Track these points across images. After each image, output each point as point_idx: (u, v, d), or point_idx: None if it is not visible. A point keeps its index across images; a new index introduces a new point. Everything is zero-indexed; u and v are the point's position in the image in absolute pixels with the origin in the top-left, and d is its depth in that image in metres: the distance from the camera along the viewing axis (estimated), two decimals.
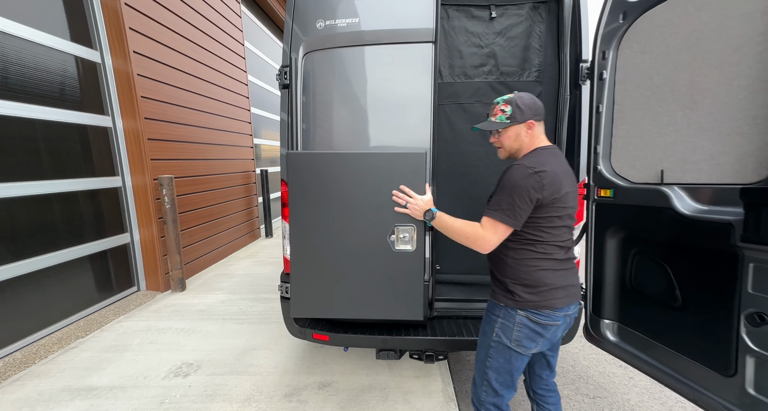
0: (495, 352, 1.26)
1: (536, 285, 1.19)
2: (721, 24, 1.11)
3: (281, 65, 1.79)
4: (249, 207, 5.36)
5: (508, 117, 1.22)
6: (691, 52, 1.21)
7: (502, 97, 1.27)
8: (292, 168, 1.43)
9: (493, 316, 1.27)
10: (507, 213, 1.13)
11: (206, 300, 3.26)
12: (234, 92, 4.92)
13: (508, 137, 1.26)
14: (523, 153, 1.26)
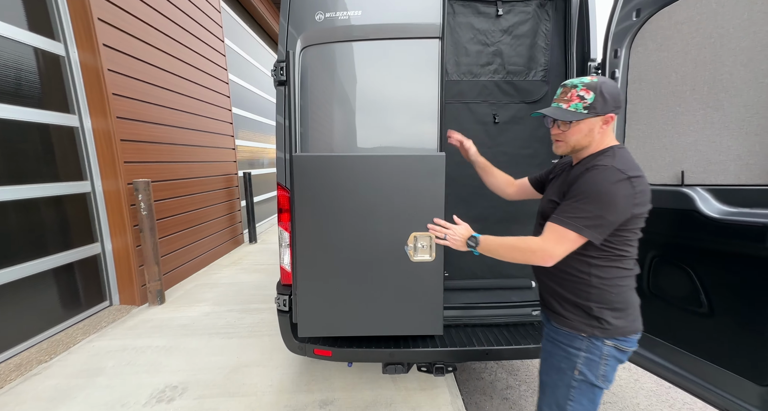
0: (578, 394, 1.05)
1: (626, 307, 1.02)
2: (748, 20, 1.08)
3: (276, 60, 1.65)
4: (231, 211, 5.10)
5: (586, 106, 0.99)
6: (713, 50, 1.18)
7: (581, 79, 1.01)
8: (298, 172, 1.29)
9: (573, 350, 1.04)
10: (586, 223, 0.94)
11: (188, 313, 3.02)
12: (214, 91, 4.67)
13: (579, 131, 1.02)
14: (589, 151, 1.06)
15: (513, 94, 1.82)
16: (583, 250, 1.00)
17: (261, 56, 6.97)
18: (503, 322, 1.90)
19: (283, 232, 1.76)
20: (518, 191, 1.40)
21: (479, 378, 2.14)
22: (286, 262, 1.79)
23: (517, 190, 1.40)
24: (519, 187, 1.39)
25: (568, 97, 1.02)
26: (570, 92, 1.02)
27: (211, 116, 4.56)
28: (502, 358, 1.75)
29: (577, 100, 1.00)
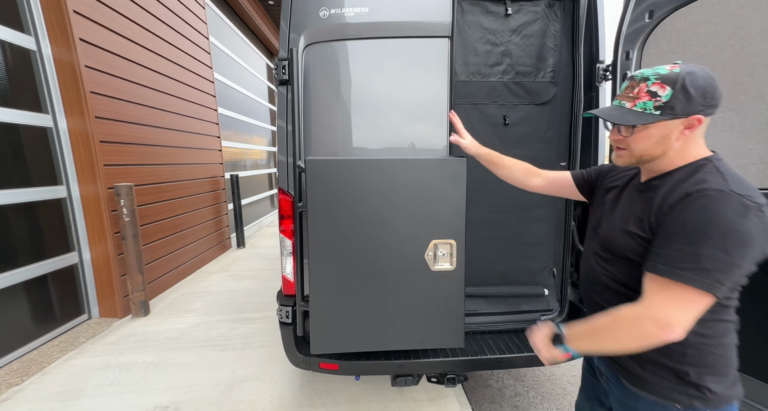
0: None
1: (729, 369, 0.78)
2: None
3: (278, 58, 1.55)
4: (218, 216, 4.90)
5: (659, 106, 0.73)
6: (733, 52, 1.17)
7: (657, 69, 0.75)
8: (312, 177, 1.19)
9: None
10: (711, 275, 0.67)
11: (176, 324, 2.85)
12: (199, 90, 4.47)
13: (647, 137, 0.77)
14: (668, 165, 0.79)
15: (522, 95, 1.79)
16: None
17: (248, 56, 6.77)
18: (512, 328, 1.86)
19: (284, 239, 1.66)
20: (548, 185, 1.15)
21: (487, 385, 2.10)
22: (288, 271, 1.69)
23: (547, 184, 1.15)
24: (551, 181, 1.14)
25: (634, 94, 0.77)
26: (638, 87, 0.77)
27: (196, 116, 4.37)
28: (514, 367, 1.70)
29: (646, 97, 0.75)
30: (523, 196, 1.86)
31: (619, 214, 0.86)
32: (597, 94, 1.70)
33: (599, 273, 0.88)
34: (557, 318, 1.89)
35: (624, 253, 0.81)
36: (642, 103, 0.76)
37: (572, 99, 1.77)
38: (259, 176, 7.20)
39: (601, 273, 0.88)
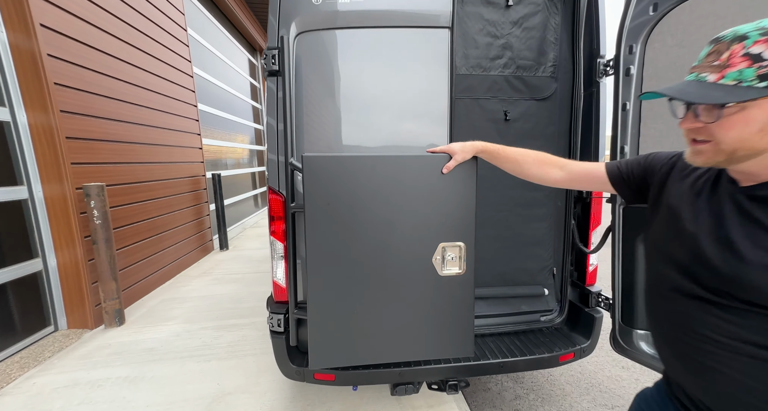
0: None
1: None
2: None
3: (267, 47, 1.43)
4: (199, 217, 4.67)
5: (763, 74, 0.51)
6: None
7: (759, 22, 0.53)
8: (310, 175, 1.09)
9: None
10: None
11: (155, 334, 2.66)
12: (177, 84, 4.24)
13: (745, 122, 0.54)
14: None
15: (523, 90, 1.74)
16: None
17: (229, 50, 6.51)
18: (513, 330, 1.81)
19: (275, 242, 1.55)
20: (572, 179, 0.96)
21: (486, 389, 2.04)
22: (279, 276, 1.57)
23: (571, 178, 0.96)
24: (577, 176, 0.95)
25: (722, 61, 0.55)
26: (729, 50, 0.54)
27: (174, 112, 4.13)
28: (517, 370, 1.65)
29: (743, 62, 0.52)
30: (523, 195, 1.81)
31: (744, 243, 0.57)
32: (597, 89, 1.67)
33: (704, 323, 0.61)
34: (557, 318, 1.86)
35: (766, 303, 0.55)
36: (735, 73, 0.53)
37: (572, 95, 1.74)
38: (242, 175, 6.95)
39: (707, 324, 0.61)
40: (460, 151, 1.11)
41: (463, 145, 1.12)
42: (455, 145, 1.13)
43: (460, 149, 1.11)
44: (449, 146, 1.14)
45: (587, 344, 1.72)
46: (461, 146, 1.12)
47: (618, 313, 1.58)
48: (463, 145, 1.12)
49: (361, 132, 1.54)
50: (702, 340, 0.61)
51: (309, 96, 1.51)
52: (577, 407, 1.88)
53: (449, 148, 1.14)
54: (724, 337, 0.59)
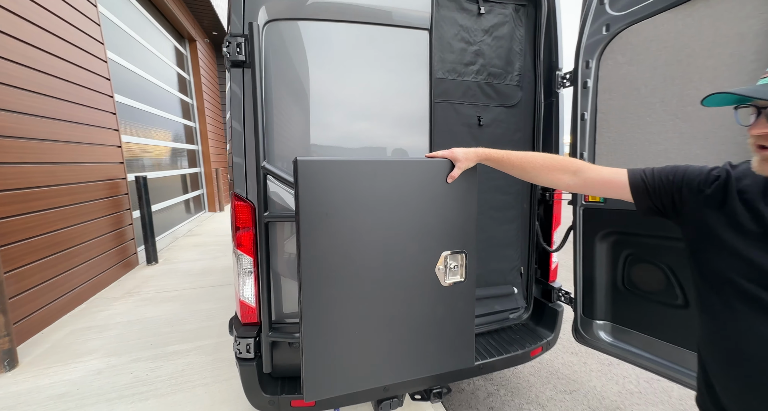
0: None
1: None
2: (713, 42, 1.23)
3: (230, 34, 1.24)
4: (119, 227, 3.97)
5: None
6: (681, 67, 1.32)
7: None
8: (304, 182, 0.94)
9: None
10: None
11: (65, 375, 2.16)
12: (86, 69, 3.55)
13: None
14: None
15: (494, 96, 1.80)
16: None
17: (152, 36, 5.70)
18: (486, 330, 1.86)
19: (243, 256, 1.35)
20: (585, 186, 0.90)
21: (460, 390, 2.07)
22: (247, 296, 1.38)
23: (585, 185, 0.90)
24: (594, 183, 0.88)
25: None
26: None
27: (82, 102, 3.45)
28: (495, 370, 1.69)
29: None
30: (495, 198, 1.88)
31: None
32: (556, 99, 1.81)
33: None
34: (524, 314, 1.96)
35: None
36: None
37: (534, 103, 1.85)
38: (170, 178, 6.14)
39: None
40: (463, 159, 1.05)
41: (466, 152, 1.06)
42: (458, 152, 1.06)
43: (463, 157, 1.05)
44: (452, 152, 1.07)
45: (552, 337, 1.84)
46: (464, 154, 1.05)
47: (579, 306, 1.72)
48: (466, 152, 1.06)
49: (337, 132, 1.43)
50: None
51: (279, 92, 1.35)
52: (542, 396, 2.01)
53: (452, 154, 1.07)
54: None
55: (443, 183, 1.06)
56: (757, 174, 0.66)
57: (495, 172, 1.86)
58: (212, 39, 8.45)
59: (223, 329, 2.69)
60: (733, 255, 0.65)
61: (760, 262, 0.61)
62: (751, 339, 0.62)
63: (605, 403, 1.94)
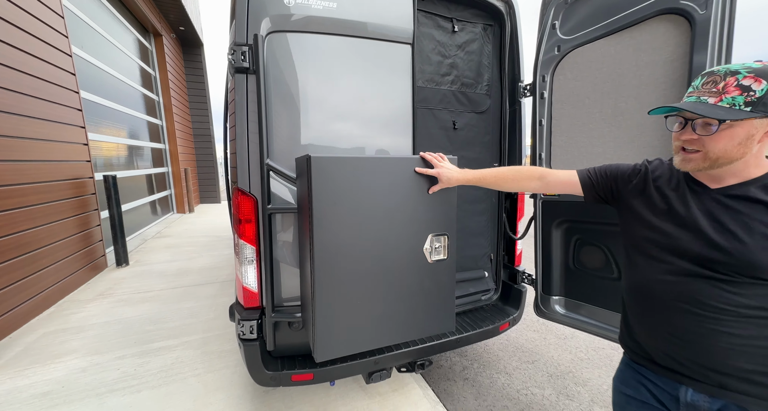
0: None
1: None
2: (635, 66, 1.54)
3: (233, 42, 1.37)
4: (86, 228, 3.82)
5: (751, 101, 0.69)
6: (614, 84, 1.63)
7: (744, 63, 0.73)
8: (317, 176, 1.11)
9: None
10: None
11: (47, 375, 2.13)
12: (49, 63, 3.40)
13: (731, 138, 0.73)
14: (741, 170, 0.77)
15: (466, 103, 2.04)
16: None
17: (116, 31, 5.46)
18: (462, 310, 2.10)
19: (245, 245, 1.48)
20: (546, 187, 1.13)
21: (439, 366, 2.30)
22: (250, 281, 1.51)
23: (546, 187, 1.13)
24: (553, 184, 1.11)
25: (718, 89, 0.72)
26: (725, 81, 0.72)
27: (45, 98, 3.31)
28: (470, 343, 1.93)
29: (735, 91, 0.70)
30: (469, 192, 2.12)
31: (741, 230, 0.74)
32: (519, 107, 2.09)
33: (711, 297, 0.77)
34: (494, 295, 2.23)
35: (767, 276, 0.72)
36: (730, 99, 0.70)
37: (501, 110, 2.12)
38: (135, 178, 5.90)
39: (715, 297, 0.76)
40: (446, 181, 1.27)
41: (450, 176, 1.25)
42: (444, 175, 1.24)
43: (446, 180, 1.26)
44: (438, 174, 1.26)
45: (517, 314, 2.12)
46: (448, 177, 1.25)
47: (539, 285, 2.00)
48: (449, 175, 1.25)
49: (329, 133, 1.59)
50: (711, 311, 0.76)
51: (278, 96, 1.49)
52: (509, 367, 2.29)
53: (438, 174, 1.26)
54: (730, 306, 0.75)
55: (430, 177, 1.27)
56: (665, 167, 0.93)
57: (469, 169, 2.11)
58: (179, 34, 8.16)
59: (209, 325, 2.74)
60: (648, 227, 0.88)
61: (664, 229, 0.85)
62: (653, 282, 0.87)
63: (560, 368, 2.26)
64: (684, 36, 1.33)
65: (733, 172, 0.78)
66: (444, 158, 1.34)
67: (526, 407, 1.92)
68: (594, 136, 1.73)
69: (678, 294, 0.81)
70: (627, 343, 0.99)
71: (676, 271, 0.82)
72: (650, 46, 1.46)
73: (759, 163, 0.76)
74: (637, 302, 0.92)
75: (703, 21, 1.25)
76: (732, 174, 0.78)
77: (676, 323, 0.82)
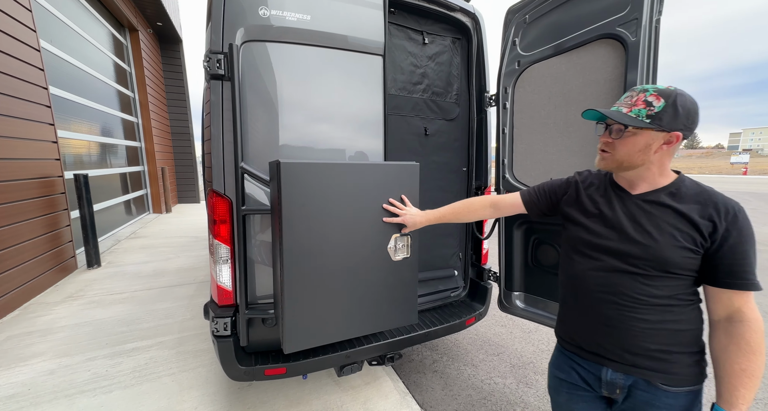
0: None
1: None
2: (583, 83, 1.71)
3: (209, 50, 1.43)
4: (54, 228, 3.70)
5: (651, 115, 0.83)
6: (564, 98, 1.79)
7: (656, 85, 0.87)
8: (287, 180, 1.18)
9: (699, 405, 0.91)
10: None
11: (12, 378, 2.09)
12: (15, 58, 3.29)
13: (633, 144, 0.87)
14: (649, 178, 0.91)
15: (437, 111, 2.16)
16: (695, 294, 0.90)
17: (88, 24, 5.30)
18: (431, 306, 2.22)
19: (220, 245, 1.54)
20: (497, 213, 1.29)
21: (410, 360, 2.41)
22: (225, 280, 1.56)
23: (500, 212, 1.28)
24: (504, 209, 1.27)
25: (632, 102, 0.87)
26: (637, 96, 0.87)
27: (13, 94, 3.21)
28: (437, 337, 2.04)
29: (642, 105, 0.85)
30: (437, 196, 2.25)
31: (654, 231, 0.87)
32: (486, 115, 2.23)
33: (629, 288, 0.89)
34: (462, 293, 2.36)
35: (674, 270, 0.84)
36: (637, 110, 0.85)
37: (468, 118, 2.26)
38: (110, 176, 5.74)
39: (632, 288, 0.88)
40: (411, 225, 1.40)
41: (414, 221, 1.39)
42: (408, 220, 1.39)
43: (411, 224, 1.40)
44: (403, 219, 1.40)
45: (483, 309, 2.26)
46: (413, 222, 1.39)
47: (502, 282, 2.15)
48: (413, 220, 1.39)
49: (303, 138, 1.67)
50: (628, 300, 0.89)
51: (252, 101, 1.55)
52: (476, 359, 2.43)
53: (404, 221, 1.40)
54: (644, 296, 0.87)
55: (394, 182, 1.38)
56: (594, 176, 1.07)
57: (438, 173, 2.25)
58: (157, 30, 7.97)
59: (185, 325, 2.74)
60: (582, 228, 1.01)
61: (594, 230, 0.97)
62: (584, 276, 0.99)
63: (523, 360, 2.42)
64: (620, 58, 1.50)
65: (644, 179, 0.91)
66: (407, 203, 1.45)
67: (488, 395, 2.06)
68: (549, 144, 1.89)
69: (604, 286, 0.93)
70: (560, 333, 1.13)
71: (603, 267, 0.94)
72: (593, 66, 1.62)
73: (664, 173, 0.90)
74: (571, 294, 1.05)
75: (633, 45, 1.42)
76: (643, 181, 0.92)
77: (602, 312, 0.94)
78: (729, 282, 0.81)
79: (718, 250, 0.82)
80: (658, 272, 0.86)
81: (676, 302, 0.87)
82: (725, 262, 0.81)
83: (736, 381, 0.79)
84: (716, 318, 0.86)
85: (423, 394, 2.07)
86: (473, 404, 1.98)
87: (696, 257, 0.83)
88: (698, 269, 0.85)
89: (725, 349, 0.82)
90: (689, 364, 0.88)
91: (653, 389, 0.90)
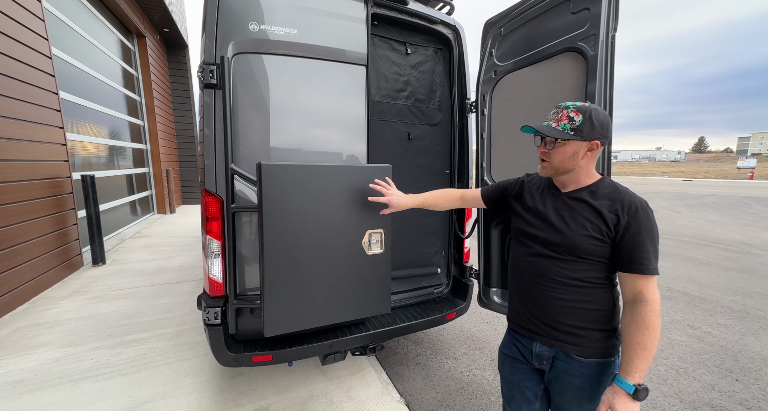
0: None
1: None
2: (551, 92, 1.82)
3: (203, 62, 1.57)
4: (62, 227, 3.88)
5: (574, 128, 0.98)
6: (535, 107, 1.91)
7: (575, 102, 1.02)
8: (267, 180, 1.32)
9: (610, 376, 1.03)
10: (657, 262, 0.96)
11: (19, 364, 2.24)
12: (28, 65, 3.49)
13: (564, 152, 1.01)
14: (580, 179, 1.05)
15: (420, 117, 2.29)
16: (608, 279, 1.02)
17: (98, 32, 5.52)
18: (415, 302, 2.34)
19: (212, 240, 1.67)
20: (465, 203, 1.45)
21: (395, 353, 2.52)
22: (216, 273, 1.70)
23: (466, 203, 1.45)
24: (469, 201, 1.43)
25: (558, 117, 1.01)
26: (561, 112, 1.01)
27: (23, 98, 3.40)
28: (418, 330, 2.15)
29: (566, 120, 0.99)
30: None
31: (571, 222, 1.02)
32: (467, 121, 2.35)
33: (551, 271, 1.04)
34: (445, 289, 2.47)
35: (584, 255, 0.99)
36: (563, 125, 1.00)
37: (451, 123, 2.39)
38: (116, 178, 5.94)
39: (553, 271, 1.04)
40: (396, 206, 1.44)
41: (399, 202, 1.43)
42: (393, 200, 1.43)
43: (396, 205, 1.44)
44: (389, 199, 1.43)
45: (464, 305, 2.37)
46: (397, 203, 1.43)
47: (481, 278, 2.26)
48: (398, 202, 1.43)
49: (290, 143, 1.80)
50: (550, 282, 1.04)
51: (243, 110, 1.69)
52: (458, 353, 2.53)
53: (389, 201, 1.43)
54: (561, 278, 1.03)
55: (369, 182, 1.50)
56: (538, 177, 1.22)
57: (422, 175, 2.37)
58: (164, 35, 8.22)
59: (183, 319, 2.88)
60: (521, 220, 1.17)
61: (530, 221, 1.13)
62: (521, 262, 1.15)
63: None
64: (582, 70, 1.62)
65: (573, 180, 1.07)
66: (392, 185, 1.55)
67: (466, 385, 2.16)
68: (523, 149, 2.01)
69: (534, 270, 1.09)
70: (508, 315, 1.28)
71: (533, 253, 1.10)
72: (560, 77, 1.74)
73: (589, 174, 1.06)
74: (513, 278, 1.21)
75: (593, 58, 1.53)
76: (572, 181, 1.07)
77: (532, 293, 1.10)
78: (630, 267, 0.95)
79: (621, 239, 0.95)
80: (571, 257, 1.02)
81: (588, 285, 1.01)
82: (626, 250, 0.95)
83: (632, 353, 0.91)
84: (626, 300, 0.99)
85: (404, 383, 2.18)
86: (450, 393, 2.09)
87: (603, 245, 0.98)
88: (609, 256, 0.99)
89: (628, 326, 0.94)
90: (599, 339, 1.02)
91: (570, 360, 1.05)
